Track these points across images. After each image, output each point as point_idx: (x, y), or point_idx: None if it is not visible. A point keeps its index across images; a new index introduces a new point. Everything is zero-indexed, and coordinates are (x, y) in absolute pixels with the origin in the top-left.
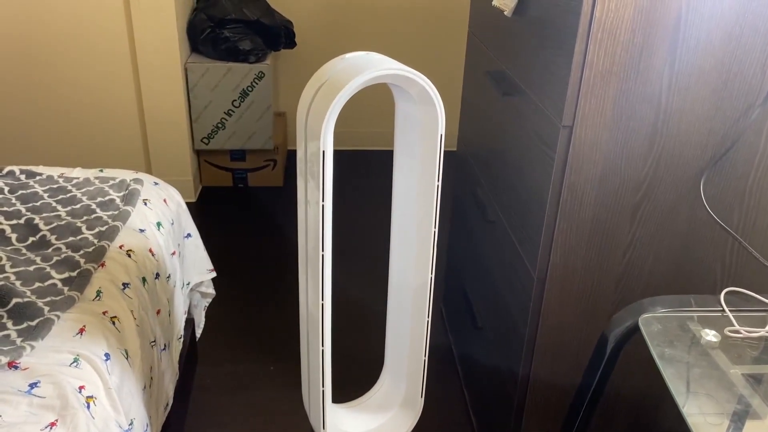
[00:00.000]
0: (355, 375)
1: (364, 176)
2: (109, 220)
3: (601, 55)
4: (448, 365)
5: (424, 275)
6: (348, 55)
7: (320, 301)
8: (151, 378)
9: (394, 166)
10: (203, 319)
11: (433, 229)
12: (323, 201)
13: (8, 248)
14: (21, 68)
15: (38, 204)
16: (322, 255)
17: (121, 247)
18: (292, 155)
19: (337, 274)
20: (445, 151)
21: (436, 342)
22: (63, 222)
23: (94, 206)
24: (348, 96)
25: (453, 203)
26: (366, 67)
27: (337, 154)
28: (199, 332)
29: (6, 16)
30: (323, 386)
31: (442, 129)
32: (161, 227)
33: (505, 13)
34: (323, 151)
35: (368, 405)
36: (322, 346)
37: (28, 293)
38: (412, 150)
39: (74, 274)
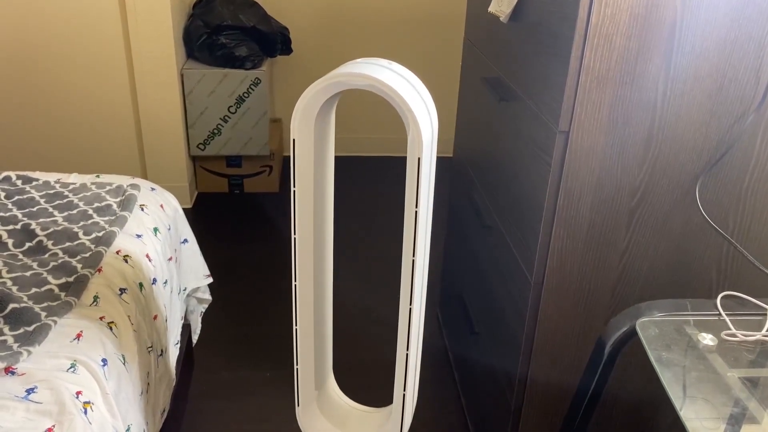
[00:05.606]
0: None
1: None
2: (106, 226)
3: (597, 60)
4: (444, 370)
5: (404, 305)
6: (360, 60)
7: (294, 282)
8: (148, 383)
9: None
10: (200, 325)
11: (411, 258)
12: (294, 186)
13: (5, 254)
14: (17, 74)
15: (35, 209)
16: (295, 238)
17: (118, 252)
18: (287, 161)
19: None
20: (441, 157)
21: (432, 347)
22: (60, 227)
23: (90, 211)
24: (317, 95)
25: (449, 208)
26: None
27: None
28: (195, 338)
29: (2, 23)
30: (297, 364)
31: (420, 152)
32: (158, 233)
33: (501, 19)
34: (293, 139)
35: (364, 417)
36: (296, 325)
37: (25, 299)
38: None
39: (71, 279)
